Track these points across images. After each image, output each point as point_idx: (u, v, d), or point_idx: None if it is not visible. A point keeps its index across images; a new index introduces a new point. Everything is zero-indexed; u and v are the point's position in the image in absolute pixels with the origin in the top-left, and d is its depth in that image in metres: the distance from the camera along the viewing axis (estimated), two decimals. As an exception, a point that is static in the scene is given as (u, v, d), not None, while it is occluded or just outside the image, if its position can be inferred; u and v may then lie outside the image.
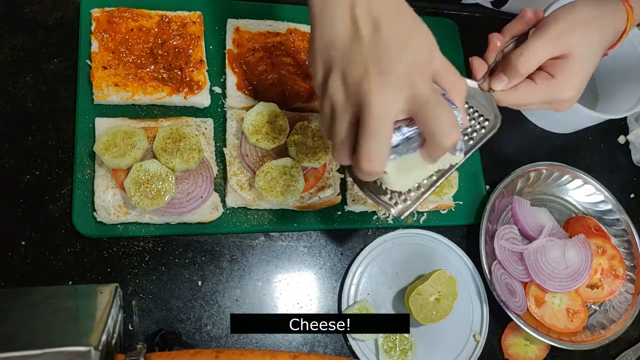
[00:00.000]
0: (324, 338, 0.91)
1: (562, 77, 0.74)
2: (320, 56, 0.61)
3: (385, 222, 0.98)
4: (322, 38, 0.60)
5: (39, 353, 0.58)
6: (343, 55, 0.58)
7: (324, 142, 0.92)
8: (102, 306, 0.69)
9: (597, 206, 1.10)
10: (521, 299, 0.95)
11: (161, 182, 0.83)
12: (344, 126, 0.59)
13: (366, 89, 0.55)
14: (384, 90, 0.55)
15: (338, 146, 0.61)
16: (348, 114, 0.58)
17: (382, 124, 0.56)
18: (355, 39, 0.57)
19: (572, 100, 0.77)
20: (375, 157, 0.57)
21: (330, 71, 0.59)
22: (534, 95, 0.76)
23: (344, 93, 0.58)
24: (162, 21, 0.95)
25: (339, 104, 0.59)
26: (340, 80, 0.58)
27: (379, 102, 0.55)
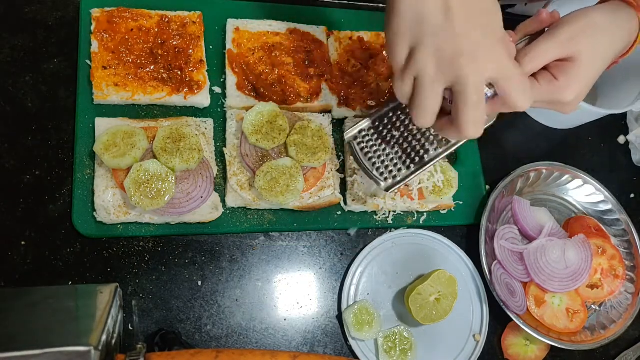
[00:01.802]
0: (324, 338, 0.91)
1: (564, 80, 0.75)
2: (407, 30, 0.65)
3: (385, 222, 0.98)
4: (412, 12, 0.64)
5: (39, 353, 0.58)
6: (435, 31, 0.63)
7: (323, 142, 0.92)
8: (102, 306, 0.69)
9: (597, 206, 1.10)
10: (521, 299, 0.95)
11: (161, 182, 0.83)
12: (436, 96, 0.66)
13: (463, 63, 0.62)
14: (478, 67, 0.63)
15: (425, 112, 0.67)
16: (440, 84, 0.65)
17: (479, 94, 0.64)
18: (448, 17, 0.63)
19: (573, 103, 0.77)
20: (478, 123, 0.66)
21: (419, 45, 0.65)
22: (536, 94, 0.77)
23: (435, 65, 0.64)
24: (162, 21, 0.95)
25: (429, 76, 0.64)
26: (432, 53, 0.64)
27: (475, 76, 0.63)
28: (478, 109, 0.64)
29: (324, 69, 1.00)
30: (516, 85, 0.66)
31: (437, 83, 0.65)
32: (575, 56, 0.74)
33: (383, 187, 0.81)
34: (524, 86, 0.67)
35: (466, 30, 0.63)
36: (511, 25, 1.21)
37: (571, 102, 0.76)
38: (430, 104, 0.66)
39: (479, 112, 0.65)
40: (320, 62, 1.00)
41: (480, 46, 0.63)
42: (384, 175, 0.82)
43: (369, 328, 0.88)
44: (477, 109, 0.64)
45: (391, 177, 0.81)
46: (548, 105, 0.78)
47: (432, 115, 0.68)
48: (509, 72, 0.65)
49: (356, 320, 0.89)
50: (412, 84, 0.67)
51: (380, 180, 0.82)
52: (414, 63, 0.65)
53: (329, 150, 0.92)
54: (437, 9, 0.63)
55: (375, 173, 0.83)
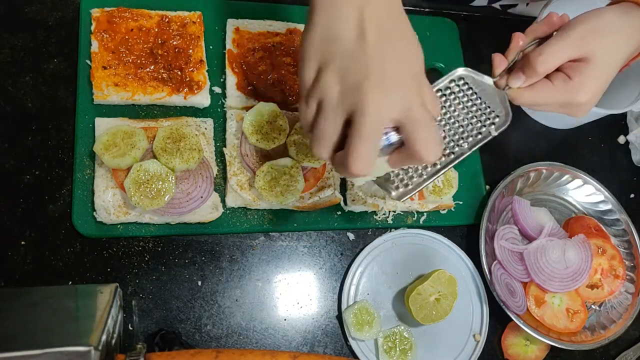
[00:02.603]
0: (324, 338, 0.91)
1: (578, 80, 0.73)
2: (317, 49, 0.60)
3: (385, 222, 0.98)
4: (325, 31, 0.60)
5: (39, 353, 0.58)
6: (345, 53, 0.58)
7: (324, 142, 0.92)
8: (102, 306, 0.69)
9: (597, 206, 1.10)
10: (521, 299, 0.95)
11: (161, 182, 0.83)
12: (334, 125, 0.59)
13: (365, 92, 0.56)
14: (383, 97, 0.56)
15: (322, 142, 0.61)
16: (341, 112, 0.58)
17: (376, 130, 0.57)
18: (361, 39, 0.58)
19: (587, 105, 0.76)
20: (366, 160, 0.58)
21: (326, 66, 0.59)
22: (550, 95, 0.76)
23: (339, 91, 0.58)
24: (162, 21, 0.95)
25: (332, 101, 0.58)
26: (337, 77, 0.58)
27: (376, 107, 0.56)
28: (370, 143, 0.57)
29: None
30: (423, 130, 0.58)
31: (337, 111, 0.58)
32: (589, 56, 0.73)
33: (394, 196, 0.77)
34: (432, 134, 0.59)
35: (378, 56, 0.57)
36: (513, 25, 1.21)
37: (585, 103, 0.75)
38: (329, 132, 0.59)
39: (370, 148, 0.58)
40: (320, 62, 1.00)
41: (391, 76, 0.57)
42: (394, 183, 0.79)
43: (369, 328, 0.88)
44: (368, 143, 0.57)
45: (402, 185, 0.78)
46: (561, 108, 0.77)
47: (329, 146, 0.60)
48: (417, 113, 0.58)
49: (356, 320, 0.89)
50: (315, 108, 0.61)
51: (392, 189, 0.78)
52: (318, 85, 0.59)
53: (329, 150, 0.92)
54: (351, 30, 0.58)
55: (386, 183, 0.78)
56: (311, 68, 0.61)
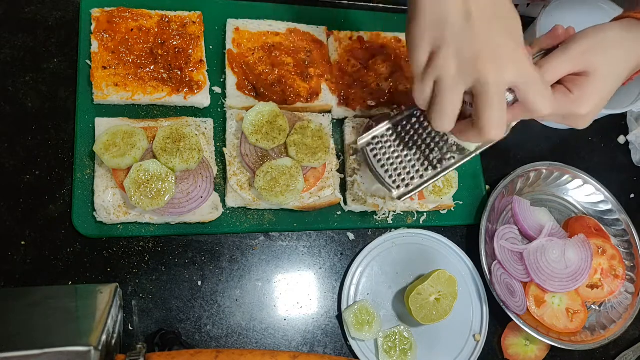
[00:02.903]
0: (324, 338, 0.91)
1: (578, 94, 0.75)
2: (429, 34, 0.67)
3: (385, 222, 0.98)
4: (433, 16, 0.66)
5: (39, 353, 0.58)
6: (456, 33, 0.65)
7: (323, 142, 0.92)
8: (102, 306, 0.69)
9: (597, 206, 1.10)
10: (521, 299, 0.95)
11: (161, 182, 0.83)
12: (456, 97, 0.66)
13: (484, 66, 0.63)
14: (500, 68, 0.64)
15: (445, 114, 0.68)
16: (462, 87, 0.65)
17: (500, 96, 0.65)
18: (468, 20, 0.64)
19: (587, 117, 0.78)
20: (500, 124, 0.66)
21: (441, 48, 0.66)
22: None
23: (456, 67, 0.65)
24: (162, 21, 0.95)
25: (451, 76, 0.65)
26: (452, 56, 0.65)
27: (496, 77, 0.63)
28: (500, 110, 0.65)
29: (324, 69, 1.00)
30: (537, 89, 0.67)
31: (458, 85, 0.65)
32: (590, 70, 0.75)
33: (395, 195, 0.81)
34: (545, 91, 0.68)
35: (486, 33, 0.64)
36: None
37: (586, 115, 0.77)
38: (451, 106, 0.67)
39: (501, 114, 0.65)
40: (320, 62, 1.00)
41: (500, 49, 0.64)
42: (396, 183, 0.81)
43: (369, 328, 0.88)
44: (499, 110, 0.65)
45: (403, 185, 0.80)
46: (563, 119, 0.79)
47: (452, 118, 0.68)
48: (530, 76, 0.66)
49: (356, 320, 0.89)
50: (432, 87, 0.68)
51: (392, 187, 0.81)
52: (434, 65, 0.66)
53: (329, 150, 0.92)
54: (458, 13, 0.65)
55: (387, 180, 0.82)
56: (424, 51, 0.68)
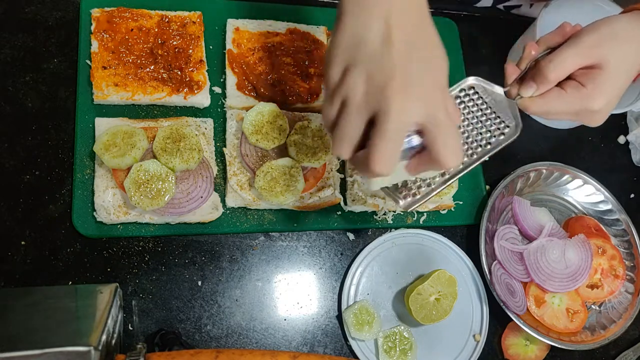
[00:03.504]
0: (324, 338, 0.91)
1: (592, 87, 0.72)
2: (345, 51, 0.62)
3: (385, 222, 0.98)
4: (353, 34, 0.61)
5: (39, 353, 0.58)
6: (371, 56, 0.59)
7: (324, 142, 0.92)
8: (102, 306, 0.69)
9: (597, 206, 1.10)
10: (521, 299, 0.95)
11: (161, 182, 0.83)
12: (357, 123, 0.60)
13: (390, 94, 0.57)
14: (407, 101, 0.57)
15: (344, 141, 0.62)
16: (365, 113, 0.60)
17: (399, 131, 0.58)
18: (387, 44, 0.59)
19: (602, 112, 0.75)
20: (387, 160, 0.59)
21: (353, 67, 0.60)
22: (562, 104, 0.75)
23: (364, 93, 0.59)
24: (162, 21, 0.95)
25: (356, 100, 0.60)
26: (363, 78, 0.59)
27: (400, 110, 0.57)
28: (392, 144, 0.59)
29: (324, 69, 1.00)
30: (446, 135, 0.59)
31: (361, 110, 0.60)
32: (602, 63, 0.72)
33: (402, 205, 0.77)
34: (455, 140, 0.61)
35: (403, 63, 0.58)
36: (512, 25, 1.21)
37: (600, 110, 0.74)
38: (351, 131, 0.61)
39: (392, 148, 0.59)
40: (320, 62, 1.00)
41: (415, 82, 0.58)
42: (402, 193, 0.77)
43: (369, 328, 0.88)
44: (391, 144, 0.59)
45: (410, 194, 0.77)
46: (576, 116, 0.76)
47: (350, 144, 0.62)
48: (441, 119, 0.59)
49: (356, 320, 0.89)
50: (338, 107, 0.62)
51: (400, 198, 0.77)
52: (344, 85, 0.61)
53: (329, 150, 0.92)
54: (377, 35, 0.59)
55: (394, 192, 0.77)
56: (337, 68, 0.62)
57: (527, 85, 0.77)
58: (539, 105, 0.77)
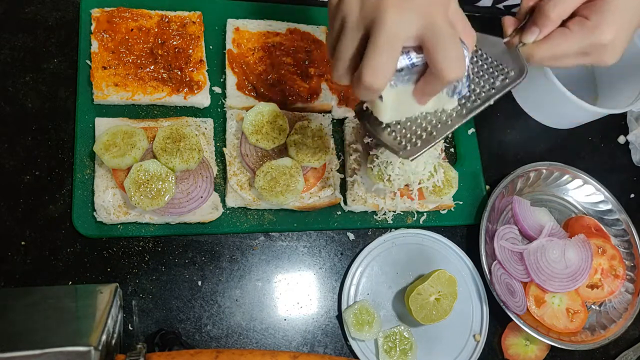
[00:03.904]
0: (324, 338, 0.91)
1: (597, 18, 0.67)
2: None
3: (385, 222, 0.98)
4: None
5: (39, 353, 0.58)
6: None
7: (324, 142, 0.92)
8: (102, 306, 0.69)
9: (597, 206, 1.10)
10: (521, 299, 0.95)
11: (161, 182, 0.83)
12: (353, 41, 0.59)
13: (384, 7, 0.55)
14: (401, 12, 0.55)
15: (342, 62, 0.60)
16: (360, 29, 0.58)
17: (392, 41, 0.56)
18: None
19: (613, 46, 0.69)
20: (380, 71, 0.57)
21: None
22: (569, 42, 0.70)
23: (359, 8, 0.58)
24: (162, 21, 0.95)
25: (352, 17, 0.58)
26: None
27: (393, 20, 0.55)
28: (386, 54, 0.56)
29: (324, 69, 1.00)
30: (444, 43, 0.56)
31: (357, 26, 0.58)
32: None
33: (403, 155, 0.71)
34: (455, 50, 0.57)
35: None
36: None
37: (610, 42, 0.68)
38: (347, 49, 0.59)
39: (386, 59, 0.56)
40: (320, 62, 1.00)
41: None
42: (402, 144, 0.72)
43: (369, 328, 0.88)
44: (384, 53, 0.56)
45: (411, 144, 0.71)
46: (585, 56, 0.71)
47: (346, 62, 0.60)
48: (438, 26, 0.56)
49: (356, 320, 0.89)
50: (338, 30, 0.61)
51: (399, 148, 0.72)
52: (341, 4, 0.60)
53: (329, 150, 0.92)
54: None
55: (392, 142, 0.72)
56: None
57: (529, 30, 0.72)
58: (544, 50, 0.72)
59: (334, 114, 1.00)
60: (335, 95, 1.00)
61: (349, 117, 1.00)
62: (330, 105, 1.00)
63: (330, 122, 0.98)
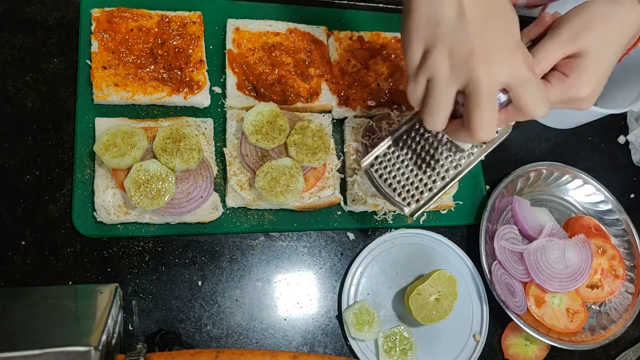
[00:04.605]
0: (324, 338, 0.91)
1: (575, 76, 0.74)
2: (423, 32, 0.67)
3: (385, 222, 0.98)
4: (428, 15, 0.66)
5: (39, 353, 0.58)
6: (450, 32, 0.64)
7: (324, 142, 0.92)
8: (102, 306, 0.69)
9: (597, 206, 1.10)
10: (521, 299, 0.95)
11: (161, 182, 0.83)
12: (448, 95, 0.65)
13: (475, 64, 0.62)
14: (492, 67, 0.63)
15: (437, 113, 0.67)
16: (454, 85, 0.65)
17: (492, 96, 0.64)
18: (462, 19, 0.64)
19: (589, 98, 0.76)
20: (489, 126, 0.64)
21: (434, 46, 0.65)
22: (550, 95, 0.76)
23: (449, 67, 0.64)
24: (162, 21, 0.95)
25: (443, 75, 0.65)
26: (446, 55, 0.64)
27: (488, 76, 0.62)
28: (490, 112, 0.64)
29: (324, 69, 1.00)
30: (531, 90, 0.65)
31: (450, 84, 0.65)
32: (583, 50, 0.74)
33: (407, 212, 0.80)
34: (539, 93, 0.66)
35: (480, 32, 0.63)
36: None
37: (587, 96, 0.75)
38: (442, 105, 0.66)
39: (491, 115, 0.64)
40: (320, 62, 1.00)
41: (494, 48, 0.63)
42: (406, 200, 0.80)
43: (369, 328, 0.88)
44: (489, 111, 0.64)
45: (414, 201, 0.79)
46: (565, 104, 0.77)
47: (444, 117, 0.67)
48: (524, 76, 0.64)
49: (356, 320, 0.89)
50: (424, 85, 0.67)
51: (404, 205, 0.80)
52: (427, 64, 0.65)
53: (329, 150, 0.92)
54: (452, 11, 0.64)
55: (397, 199, 0.81)
56: (418, 48, 0.67)
57: None
58: None
59: (334, 114, 1.00)
60: (335, 95, 1.00)
61: (349, 117, 1.00)
62: (330, 105, 1.00)
63: (330, 122, 0.99)
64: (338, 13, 1.08)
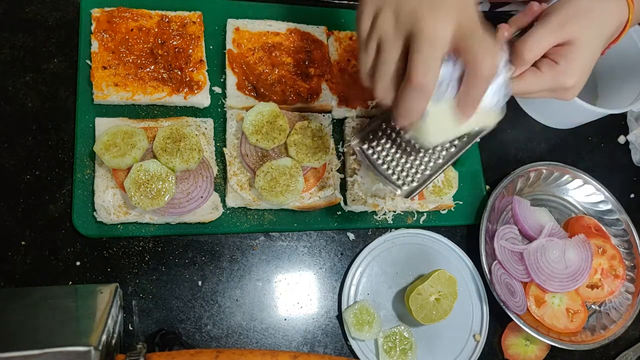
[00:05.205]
0: (324, 338, 0.91)
1: (564, 64, 0.75)
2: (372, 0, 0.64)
3: (385, 222, 0.98)
4: None
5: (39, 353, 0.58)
6: None
7: (324, 142, 0.92)
8: (102, 306, 0.69)
9: (597, 206, 1.10)
10: (521, 299, 0.95)
11: (161, 182, 0.83)
12: (394, 55, 0.62)
13: (419, 15, 0.59)
14: (436, 17, 0.59)
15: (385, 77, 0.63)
16: (399, 41, 0.61)
17: (434, 41, 0.59)
18: None
19: (575, 87, 0.78)
20: (429, 67, 0.59)
21: (381, 9, 0.63)
22: (539, 82, 0.77)
23: (394, 24, 0.61)
24: (162, 21, 0.95)
25: (388, 33, 0.62)
26: (391, 14, 0.62)
27: (431, 26, 0.59)
28: (429, 60, 0.59)
29: (324, 69, 1.00)
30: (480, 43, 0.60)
31: (396, 39, 0.61)
32: (572, 39, 0.75)
33: (401, 193, 0.78)
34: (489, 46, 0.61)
35: None
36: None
37: (573, 86, 0.77)
38: (388, 63, 0.62)
39: (430, 64, 0.59)
40: (320, 62, 1.00)
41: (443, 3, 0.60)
42: (400, 180, 0.78)
43: (369, 328, 0.88)
44: (428, 52, 0.59)
45: (408, 182, 0.78)
46: (551, 93, 0.79)
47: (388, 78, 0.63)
48: (473, 28, 0.60)
49: (356, 320, 0.89)
50: (374, 49, 0.64)
51: (398, 186, 0.78)
52: (375, 27, 0.63)
53: (329, 150, 0.92)
54: None
55: (391, 179, 0.79)
56: (368, 16, 0.65)
57: None
58: (518, 86, 0.78)
59: (334, 114, 1.00)
60: (335, 95, 1.00)
61: (349, 117, 1.00)
62: (330, 105, 1.00)
63: (330, 122, 0.98)
64: (338, 13, 1.08)
